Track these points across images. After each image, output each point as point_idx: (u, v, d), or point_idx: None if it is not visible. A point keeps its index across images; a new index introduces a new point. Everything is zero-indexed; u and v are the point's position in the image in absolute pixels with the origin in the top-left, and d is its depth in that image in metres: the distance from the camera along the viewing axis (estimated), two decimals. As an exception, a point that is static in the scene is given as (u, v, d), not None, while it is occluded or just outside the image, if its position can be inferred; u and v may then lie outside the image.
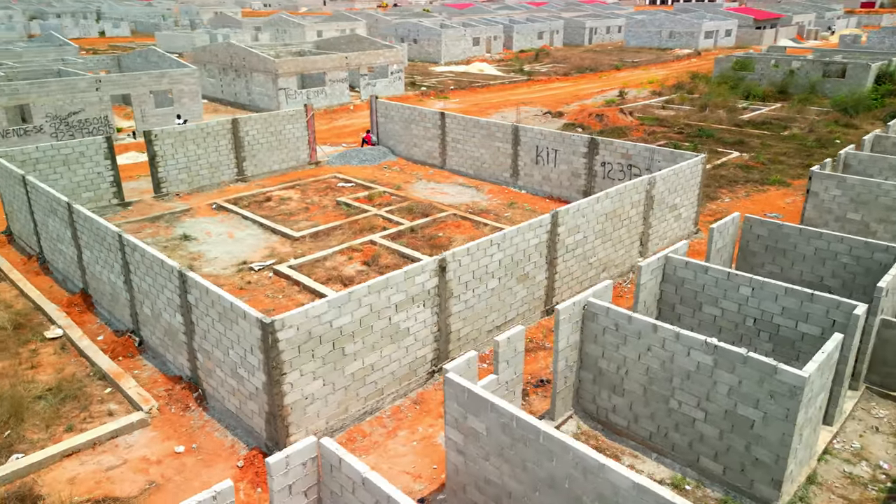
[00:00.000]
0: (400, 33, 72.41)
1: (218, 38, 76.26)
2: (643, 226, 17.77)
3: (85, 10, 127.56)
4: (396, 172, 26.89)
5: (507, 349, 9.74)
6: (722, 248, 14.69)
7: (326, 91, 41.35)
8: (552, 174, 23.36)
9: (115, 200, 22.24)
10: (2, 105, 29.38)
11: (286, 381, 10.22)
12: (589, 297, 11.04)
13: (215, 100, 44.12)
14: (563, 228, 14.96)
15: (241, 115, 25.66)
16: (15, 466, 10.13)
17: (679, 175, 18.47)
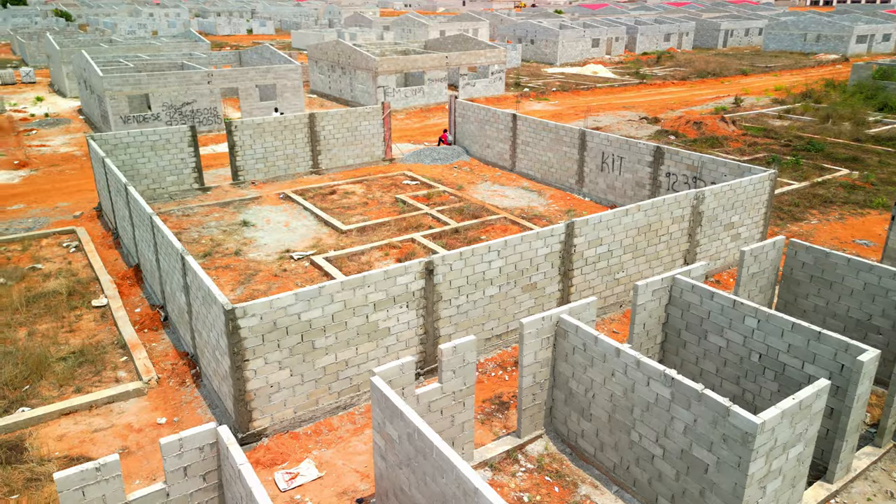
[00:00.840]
0: (518, 34, 72.13)
1: (345, 36, 79.81)
2: (688, 243, 16.56)
3: (242, 9, 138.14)
4: (465, 172, 26.87)
5: (452, 358, 9.50)
6: (758, 273, 13.40)
7: (424, 90, 42.04)
8: (616, 183, 22.33)
9: (196, 185, 23.99)
10: (125, 94, 32.61)
11: (249, 368, 10.61)
12: (562, 314, 10.51)
13: (324, 95, 46.22)
14: (582, 240, 14.30)
15: (319, 111, 26.72)
16: (17, 418, 11.30)
17: (738, 191, 17.01)
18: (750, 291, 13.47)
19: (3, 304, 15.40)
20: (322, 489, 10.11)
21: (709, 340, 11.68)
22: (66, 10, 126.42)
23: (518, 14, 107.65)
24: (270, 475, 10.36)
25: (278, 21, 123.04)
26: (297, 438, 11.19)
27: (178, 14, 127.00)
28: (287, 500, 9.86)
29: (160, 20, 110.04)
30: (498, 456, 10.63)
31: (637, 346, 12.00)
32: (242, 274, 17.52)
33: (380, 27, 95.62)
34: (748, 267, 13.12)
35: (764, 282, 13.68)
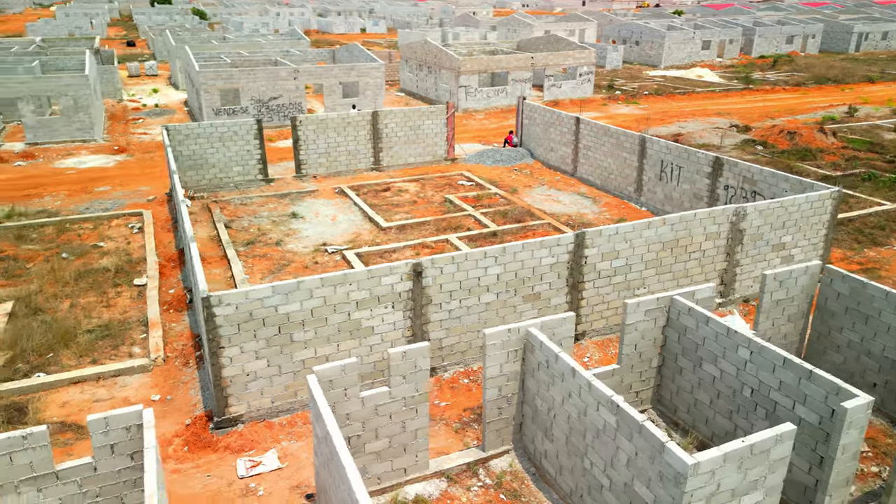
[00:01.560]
0: (622, 35, 69.86)
1: (448, 36, 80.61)
2: (726, 263, 15.37)
3: (361, 9, 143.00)
4: (524, 175, 26.38)
5: (402, 364, 9.35)
6: (785, 301, 12.23)
7: (507, 90, 41.65)
8: (674, 193, 21.11)
9: (260, 176, 25.11)
10: (218, 88, 34.67)
11: (224, 355, 10.97)
12: (530, 327, 10.07)
13: (411, 94, 46.93)
14: (595, 251, 13.63)
15: (383, 108, 27.13)
16: (32, 382, 12.33)
17: (789, 208, 15.58)
18: (775, 320, 12.33)
19: (57, 277, 16.82)
20: (278, 480, 10.29)
21: (703, 369, 10.80)
22: (202, 9, 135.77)
23: (635, 14, 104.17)
24: (235, 461, 10.66)
25: (391, 20, 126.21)
26: (271, 428, 11.45)
27: (303, 13, 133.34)
28: (242, 487, 10.12)
29: (284, 19, 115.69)
30: (458, 467, 10.36)
31: (627, 369, 11.31)
32: (276, 263, 18.15)
33: (487, 27, 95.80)
34: (771, 292, 12.00)
35: (794, 310, 12.47)
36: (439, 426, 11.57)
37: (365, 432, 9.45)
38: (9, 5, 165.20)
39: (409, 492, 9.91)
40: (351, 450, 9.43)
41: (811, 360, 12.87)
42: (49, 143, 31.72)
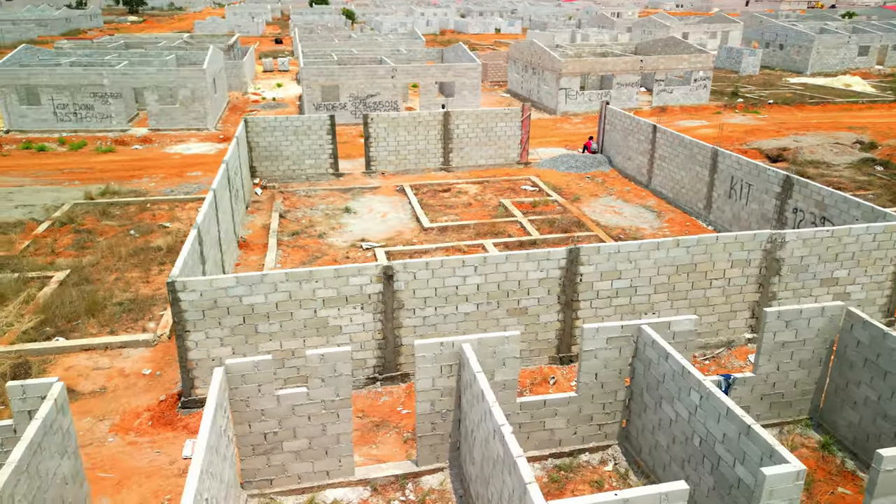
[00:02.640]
0: (766, 38, 64.62)
1: (577, 36, 78.79)
2: (758, 295, 13.74)
3: (502, 9, 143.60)
4: (594, 184, 25.18)
5: (321, 367, 9.28)
6: (794, 344, 10.79)
7: (612, 94, 39.96)
8: (742, 213, 19.22)
9: (331, 170, 25.98)
10: (320, 84, 36.31)
11: (190, 339, 11.47)
12: (464, 342, 9.61)
13: (516, 95, 46.39)
14: (592, 269, 12.72)
15: (455, 109, 27.05)
16: (49, 345, 13.62)
17: (843, 239, 13.63)
18: (781, 364, 10.91)
19: (115, 252, 18.44)
20: (217, 465, 10.59)
21: (663, 409, 9.75)
22: (352, 10, 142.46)
23: (799, 16, 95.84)
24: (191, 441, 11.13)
25: (528, 21, 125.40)
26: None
27: (445, 13, 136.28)
28: (181, 467, 10.53)
29: (424, 19, 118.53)
30: (386, 478, 10.12)
31: (587, 399, 10.47)
32: (311, 255, 18.70)
33: (622, 28, 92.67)
34: (774, 332, 10.62)
35: (806, 356, 10.95)
36: (391, 434, 11.36)
37: (282, 430, 9.48)
38: (191, 4, 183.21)
39: (328, 496, 9.83)
40: (267, 445, 9.51)
41: (829, 415, 11.21)
42: (167, 129, 34.83)
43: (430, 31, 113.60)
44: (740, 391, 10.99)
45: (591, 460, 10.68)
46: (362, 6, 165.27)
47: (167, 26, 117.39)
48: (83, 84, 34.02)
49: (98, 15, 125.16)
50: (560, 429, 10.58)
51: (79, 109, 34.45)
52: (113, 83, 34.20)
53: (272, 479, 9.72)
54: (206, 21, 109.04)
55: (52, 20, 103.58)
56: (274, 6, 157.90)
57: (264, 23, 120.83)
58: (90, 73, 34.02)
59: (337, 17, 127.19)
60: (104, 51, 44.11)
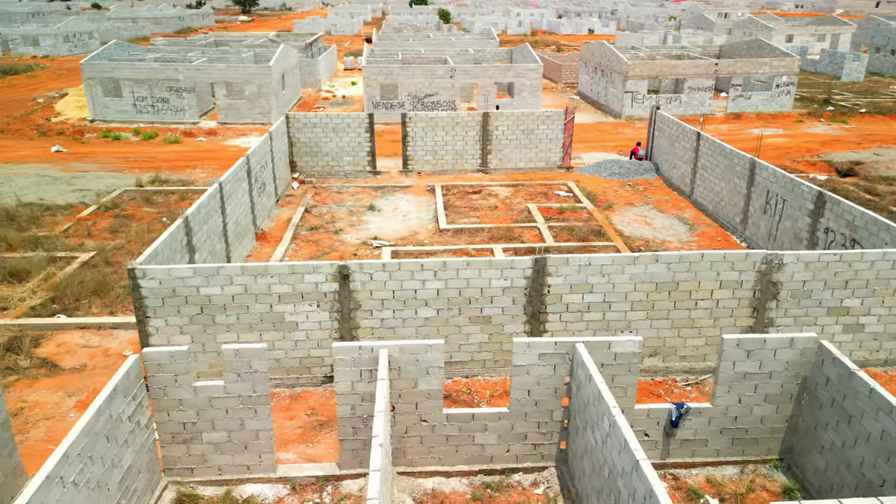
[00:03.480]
0: (876, 41, 59.61)
1: (668, 38, 75.75)
2: (753, 319, 12.60)
3: (602, 9, 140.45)
4: (633, 192, 24.05)
5: (236, 361, 9.34)
6: (757, 376, 9.87)
7: (682, 98, 38.06)
8: (776, 230, 17.75)
9: (368, 168, 26.25)
10: (379, 83, 36.82)
11: (150, 325, 11.88)
12: (383, 347, 9.38)
13: (585, 97, 45.12)
14: (560, 281, 12.11)
15: (494, 111, 26.60)
16: (49, 321, 14.53)
17: (855, 265, 12.27)
18: (744, 398, 9.99)
19: (142, 237, 19.44)
20: (158, 449, 10.91)
21: (587, 433, 9.13)
22: (447, 10, 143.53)
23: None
24: (141, 422, 11.52)
25: (626, 21, 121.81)
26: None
27: (542, 14, 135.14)
28: (125, 447, 10.91)
29: (516, 19, 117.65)
30: (307, 478, 10.06)
31: (519, 416, 9.98)
32: (321, 250, 18.97)
33: (723, 29, 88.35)
34: (733, 361, 9.72)
35: (774, 391, 9.98)
36: (332, 434, 11.28)
37: (200, 421, 9.63)
38: (300, 4, 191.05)
39: (246, 490, 9.89)
40: (186, 434, 9.69)
41: (800, 458, 10.13)
42: (234, 123, 36.45)
43: (520, 31, 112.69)
44: (696, 423, 10.13)
45: (522, 481, 10.17)
46: (462, 6, 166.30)
47: (271, 25, 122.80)
48: (160, 78, 36.17)
49: (210, 14, 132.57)
50: (491, 445, 10.13)
51: (156, 102, 36.67)
52: (186, 78, 36.14)
53: (193, 468, 9.89)
54: (305, 21, 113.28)
55: (166, 18, 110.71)
56: (375, 6, 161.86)
57: (361, 22, 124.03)
58: (167, 68, 36.11)
59: (432, 18, 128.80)
60: (192, 48, 46.72)
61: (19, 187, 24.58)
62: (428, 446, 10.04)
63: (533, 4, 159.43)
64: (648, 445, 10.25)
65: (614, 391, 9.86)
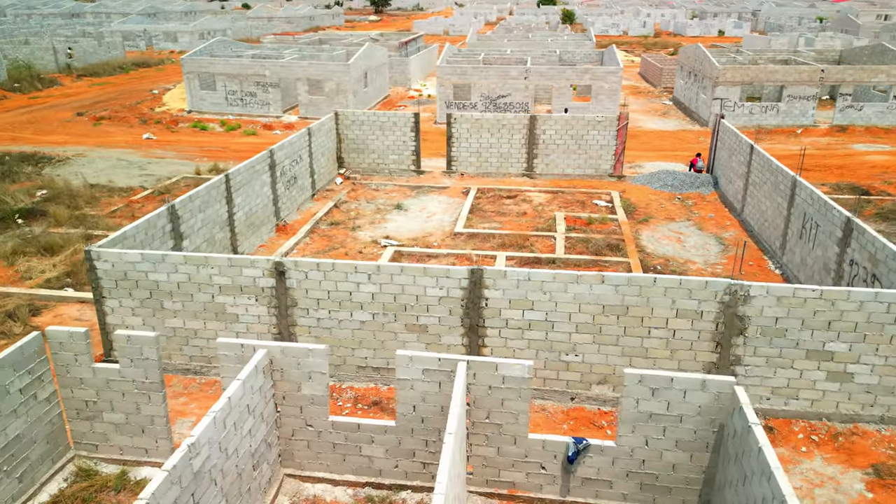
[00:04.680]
0: None
1: (800, 42, 69.79)
2: (716, 355, 11.27)
3: (742, 10, 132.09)
4: (679, 206, 22.34)
5: (127, 347, 9.65)
6: (665, 418, 8.89)
7: (780, 107, 34.85)
8: (809, 258, 15.81)
9: (413, 167, 26.28)
10: (453, 82, 36.80)
11: (106, 304, 12.57)
12: (271, 348, 9.32)
13: (677, 103, 42.55)
14: (498, 294, 11.46)
15: (542, 114, 25.71)
16: (54, 293, 15.78)
17: (840, 304, 10.62)
18: (651, 440, 9.03)
19: (174, 223, 20.64)
20: (91, 422, 11.53)
21: (450, 460, 8.55)
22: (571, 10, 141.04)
23: None
24: (89, 396, 12.24)
25: (765, 23, 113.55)
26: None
27: (675, 15, 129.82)
28: (63, 417, 11.63)
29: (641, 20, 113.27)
30: (201, 468, 10.21)
31: (406, 431, 9.57)
32: (330, 245, 19.24)
33: (868, 33, 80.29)
34: (636, 399, 8.81)
35: (686, 436, 8.95)
36: (249, 427, 11.38)
37: (100, 401, 10.05)
38: (432, 4, 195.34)
39: (141, 472, 10.20)
40: (89, 412, 10.15)
41: (716, 516, 8.95)
42: (313, 118, 37.80)
43: (644, 32, 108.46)
44: (598, 461, 9.22)
45: (408, 499, 9.73)
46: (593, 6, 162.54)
47: (396, 25, 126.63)
48: (248, 74, 38.29)
49: (340, 14, 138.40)
50: (379, 458, 9.78)
51: (244, 96, 38.87)
52: (272, 74, 37.99)
53: (97, 445, 10.34)
54: (427, 21, 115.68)
55: (297, 18, 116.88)
56: (503, 6, 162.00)
57: (483, 23, 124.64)
58: (255, 64, 38.16)
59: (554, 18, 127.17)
60: (293, 46, 49.04)
61: (95, 169, 26.97)
62: (315, 451, 9.87)
63: (669, 4, 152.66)
64: (546, 479, 9.47)
65: (503, 416, 9.20)
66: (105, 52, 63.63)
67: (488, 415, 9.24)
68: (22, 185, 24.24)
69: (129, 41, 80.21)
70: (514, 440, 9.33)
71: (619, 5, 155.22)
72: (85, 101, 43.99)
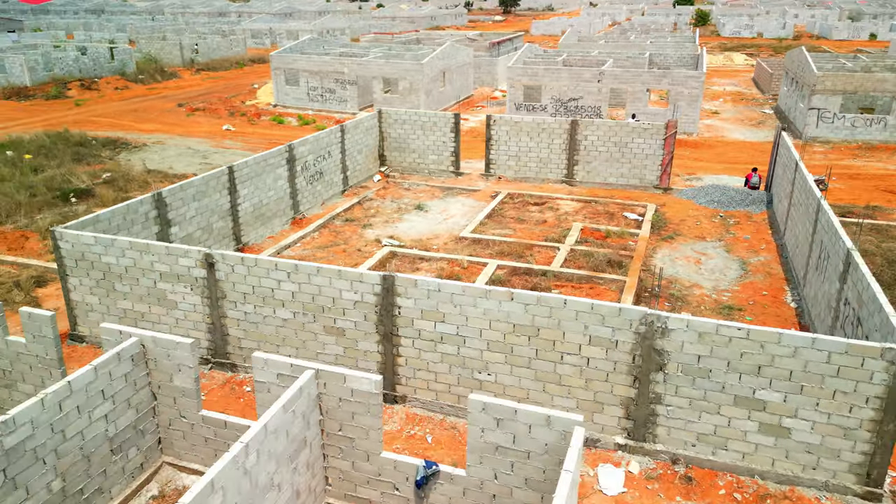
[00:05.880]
0: None
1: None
2: (634, 390, 10.16)
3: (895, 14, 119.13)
4: (717, 225, 20.42)
5: (28, 322, 10.25)
6: (513, 453, 8.23)
7: (888, 121, 30.92)
8: (819, 293, 13.91)
9: (452, 168, 25.97)
10: (523, 83, 36.00)
11: (70, 282, 13.44)
12: (144, 337, 9.55)
13: (780, 113, 38.98)
14: (410, 304, 11.01)
15: (584, 119, 24.45)
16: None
17: (770, 348, 9.20)
18: (500, 474, 8.38)
19: (203, 210, 21.73)
20: (35, 390, 12.39)
21: (276, 469, 8.33)
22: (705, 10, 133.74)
23: None
24: (47, 365, 13.16)
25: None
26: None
27: (826, 16, 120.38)
28: (14, 382, 12.58)
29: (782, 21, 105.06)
30: (97, 445, 10.66)
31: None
32: (333, 241, 19.45)
33: None
34: (480, 427, 8.19)
35: (535, 474, 8.25)
36: (165, 412, 11.73)
37: (14, 371, 10.74)
38: (564, 4, 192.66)
39: (48, 441, 10.79)
40: (6, 381, 10.89)
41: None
42: (386, 116, 38.44)
43: (782, 34, 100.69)
44: (449, 489, 8.61)
45: None
46: (737, 6, 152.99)
47: (517, 25, 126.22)
48: (329, 71, 39.60)
49: (462, 14, 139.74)
50: (245, 458, 9.70)
51: (324, 92, 40.26)
52: (350, 72, 39.05)
53: (16, 411, 11.07)
54: (547, 21, 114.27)
55: (419, 17, 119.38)
56: (635, 6, 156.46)
57: (608, 23, 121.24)
58: (335, 62, 39.39)
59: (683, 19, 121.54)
60: (387, 45, 50.12)
61: (164, 156, 29.01)
62: (190, 443, 9.97)
63: (826, 4, 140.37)
64: (398, 501, 8.98)
65: (355, 430, 8.82)
66: (228, 48, 68.38)
67: (341, 427, 8.90)
68: (91, 168, 26.57)
69: (256, 39, 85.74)
70: (368, 456, 8.91)
71: (765, 5, 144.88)
72: (191, 93, 47.50)
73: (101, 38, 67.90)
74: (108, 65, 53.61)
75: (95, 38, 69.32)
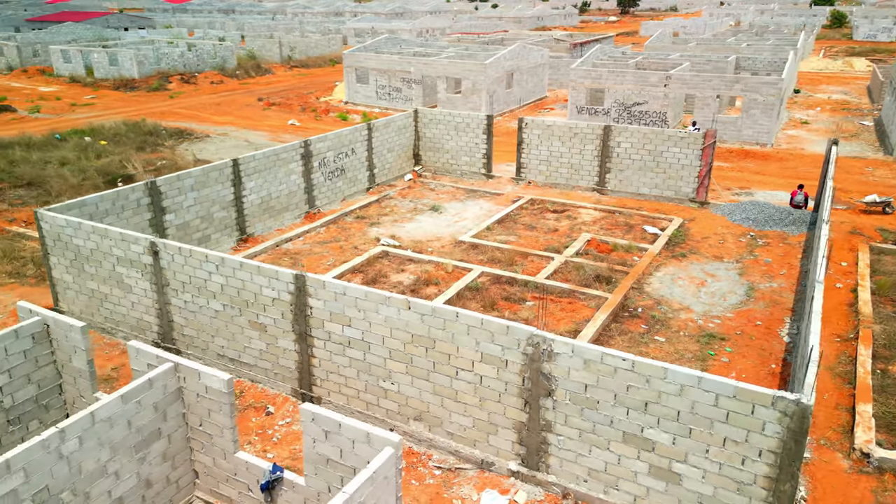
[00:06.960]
0: None
1: None
2: (525, 415, 9.44)
3: None
4: (745, 245, 18.68)
5: (-28, 295, 11.05)
6: (345, 468, 7.93)
7: None
8: (808, 326, 12.36)
9: (483, 170, 25.48)
10: (586, 86, 34.73)
11: (51, 260, 14.38)
12: (45, 316, 10.04)
13: (880, 125, 35.16)
14: (320, 305, 10.86)
15: (617, 125, 23.14)
16: (80, 248, 18.35)
17: (654, 384, 8.24)
18: (333, 488, 8.15)
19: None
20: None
21: (120, 457, 8.47)
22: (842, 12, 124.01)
23: None
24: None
25: None
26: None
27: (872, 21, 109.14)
28: None
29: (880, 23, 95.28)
30: (25, 415, 11.33)
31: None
32: (333, 236, 19.64)
33: None
34: (312, 438, 8.01)
35: None
36: (102, 390, 12.29)
37: (-36, 339, 11.62)
38: (690, 5, 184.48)
39: None
40: (-42, 346, 11.79)
41: None
42: (449, 116, 38.38)
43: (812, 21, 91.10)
44: (292, 497, 8.41)
45: (147, 489, 9.76)
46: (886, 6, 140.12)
47: (631, 26, 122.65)
48: (396, 70, 40.07)
49: (573, 14, 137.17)
50: (132, 442, 9.95)
51: (391, 91, 40.80)
52: (416, 71, 39.32)
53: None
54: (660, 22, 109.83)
55: (526, 18, 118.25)
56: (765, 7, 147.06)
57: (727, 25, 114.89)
58: (402, 61, 39.80)
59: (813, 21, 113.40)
60: (468, 45, 50.02)
61: (219, 147, 30.51)
62: (91, 422, 10.35)
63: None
64: (252, 502, 8.88)
65: (212, 428, 8.81)
66: (325, 46, 70.99)
67: (201, 422, 8.92)
68: (150, 156, 28.39)
69: (359, 38, 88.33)
70: (224, 454, 8.88)
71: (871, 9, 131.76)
72: (276, 89, 49.68)
73: (213, 36, 72.45)
74: (211, 60, 57.18)
75: (210, 35, 74.16)
